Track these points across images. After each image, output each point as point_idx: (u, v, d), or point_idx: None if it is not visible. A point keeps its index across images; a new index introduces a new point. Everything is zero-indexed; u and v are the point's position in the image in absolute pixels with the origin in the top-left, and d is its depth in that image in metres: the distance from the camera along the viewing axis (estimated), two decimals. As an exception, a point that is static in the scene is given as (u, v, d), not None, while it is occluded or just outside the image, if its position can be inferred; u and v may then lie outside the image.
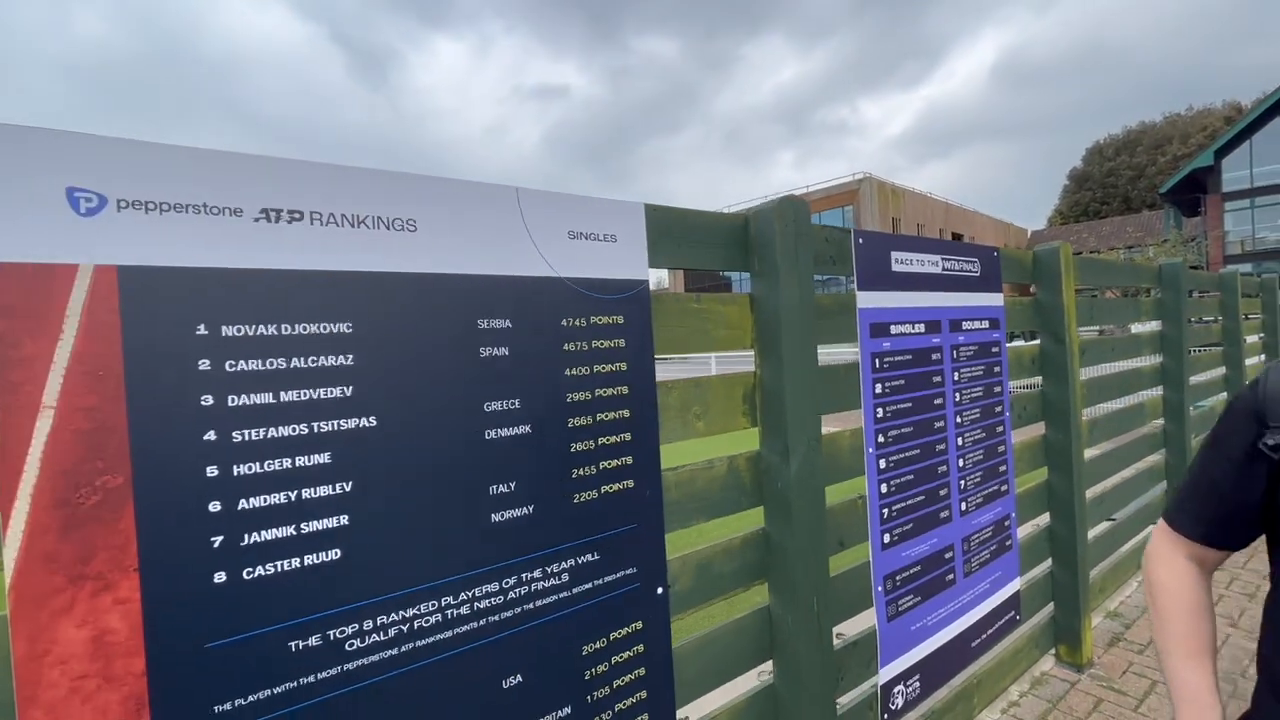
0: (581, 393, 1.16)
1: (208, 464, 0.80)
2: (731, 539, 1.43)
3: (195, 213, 0.80)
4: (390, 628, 0.93)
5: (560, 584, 1.12)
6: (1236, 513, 0.87)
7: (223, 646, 0.80)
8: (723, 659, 1.40)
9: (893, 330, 1.84)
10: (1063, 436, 2.50)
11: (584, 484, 1.15)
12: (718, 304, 1.41)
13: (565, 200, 1.16)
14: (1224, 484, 0.87)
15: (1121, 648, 2.71)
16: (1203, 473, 0.92)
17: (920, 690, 1.89)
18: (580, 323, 1.16)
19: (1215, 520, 0.90)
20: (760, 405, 1.46)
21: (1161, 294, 3.53)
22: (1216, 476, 0.88)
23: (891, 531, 1.80)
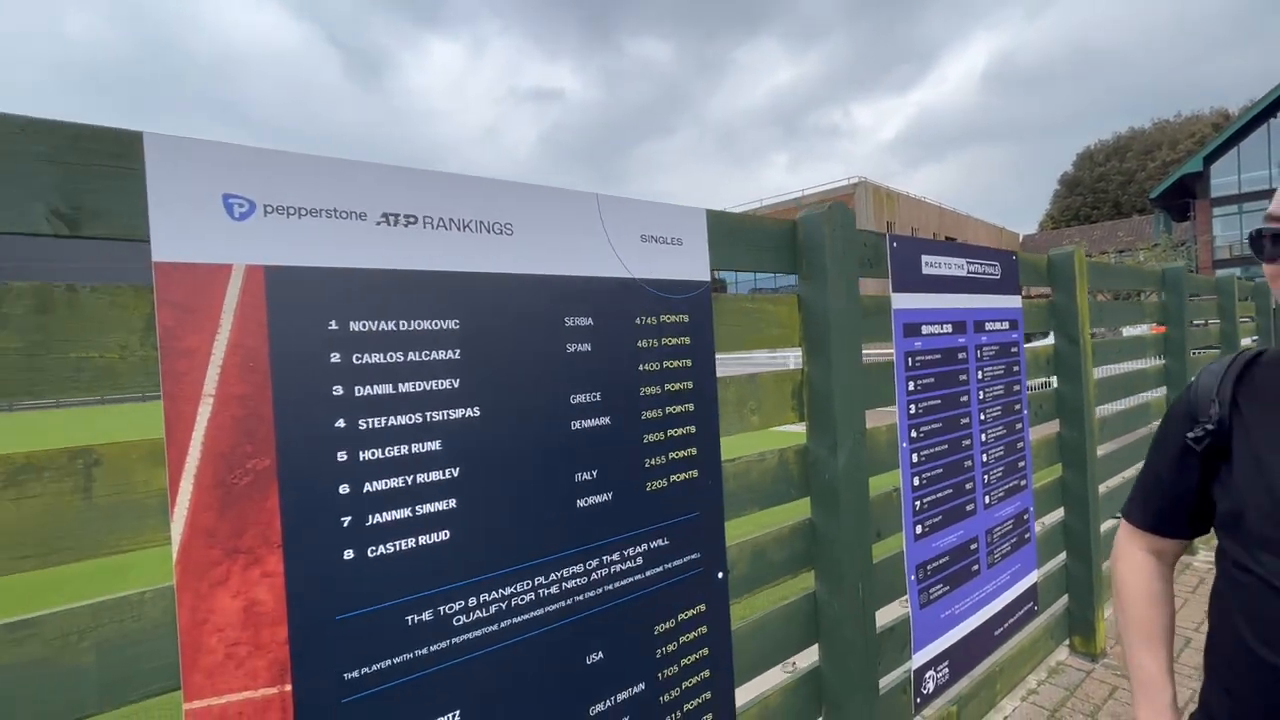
0: (653, 387, 1.23)
1: (338, 449, 0.86)
2: (781, 528, 1.50)
3: (327, 217, 0.87)
4: (491, 605, 1.00)
5: (635, 566, 1.19)
6: (1177, 502, 0.91)
7: (351, 618, 0.87)
8: (773, 642, 1.47)
9: (923, 330, 1.92)
10: (1077, 434, 2.60)
11: (655, 473, 1.22)
12: (769, 304, 1.48)
13: (638, 205, 1.23)
14: (1165, 476, 0.92)
15: (1132, 639, 2.80)
16: (1149, 468, 0.97)
17: (949, 676, 1.97)
18: (652, 321, 1.23)
19: (1160, 512, 0.94)
20: (808, 401, 1.53)
21: (1165, 297, 3.64)
22: (1160, 470, 0.94)
23: (923, 523, 1.88)
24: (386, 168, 0.93)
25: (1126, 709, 2.29)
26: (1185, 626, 2.90)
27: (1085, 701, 2.34)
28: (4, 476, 0.66)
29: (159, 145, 0.76)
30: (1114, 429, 3.11)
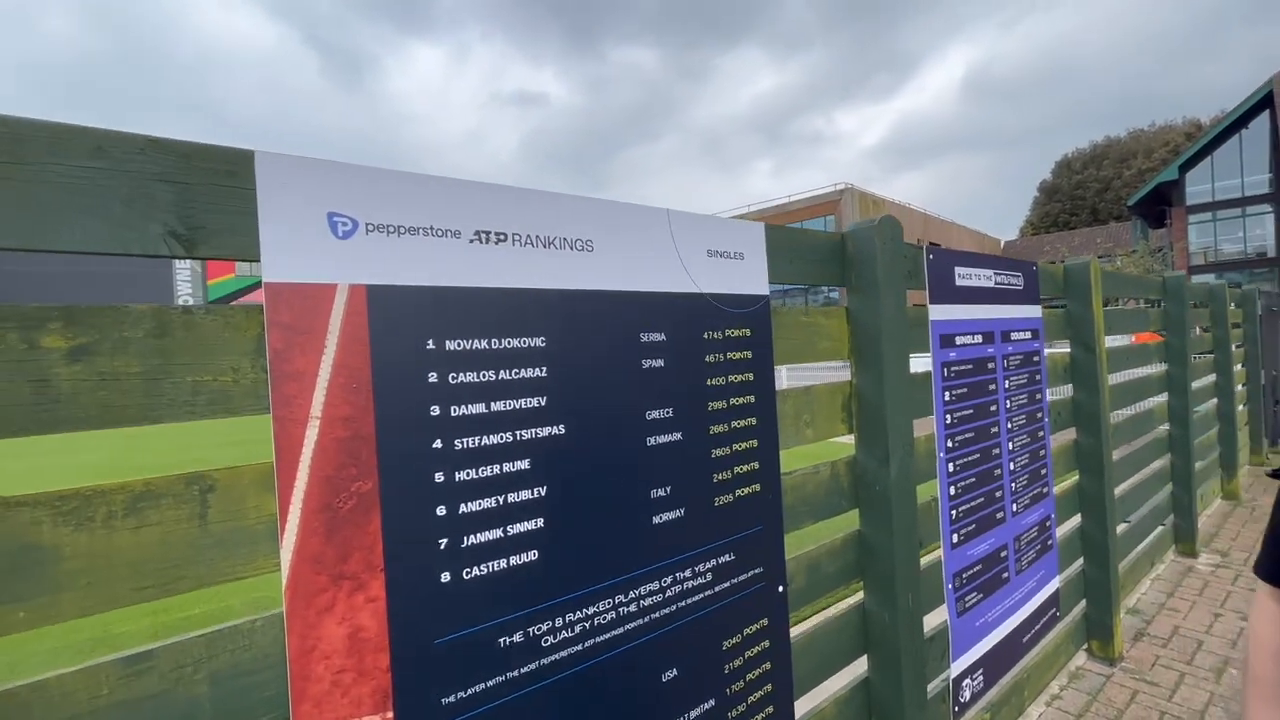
0: (719, 401, 1.23)
1: (436, 470, 0.85)
2: (833, 540, 1.51)
3: (425, 235, 0.86)
4: (576, 625, 0.99)
5: (705, 582, 1.18)
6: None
7: (447, 642, 0.86)
8: (826, 654, 1.47)
9: (957, 341, 1.94)
10: (1094, 440, 2.64)
11: (723, 488, 1.22)
12: (821, 317, 1.49)
13: (703, 221, 1.23)
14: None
15: (1146, 642, 2.84)
16: (1274, 516, 0.90)
17: (984, 683, 1.98)
18: (718, 335, 1.23)
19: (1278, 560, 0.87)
20: (857, 413, 1.54)
21: (1167, 305, 3.72)
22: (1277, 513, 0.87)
23: (959, 531, 1.90)
24: (480, 185, 0.92)
25: (1149, 713, 2.32)
26: (1194, 630, 2.95)
27: (1108, 706, 2.37)
28: (124, 504, 0.64)
29: (270, 164, 0.75)
30: (1123, 435, 3.17)
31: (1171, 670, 2.60)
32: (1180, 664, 2.65)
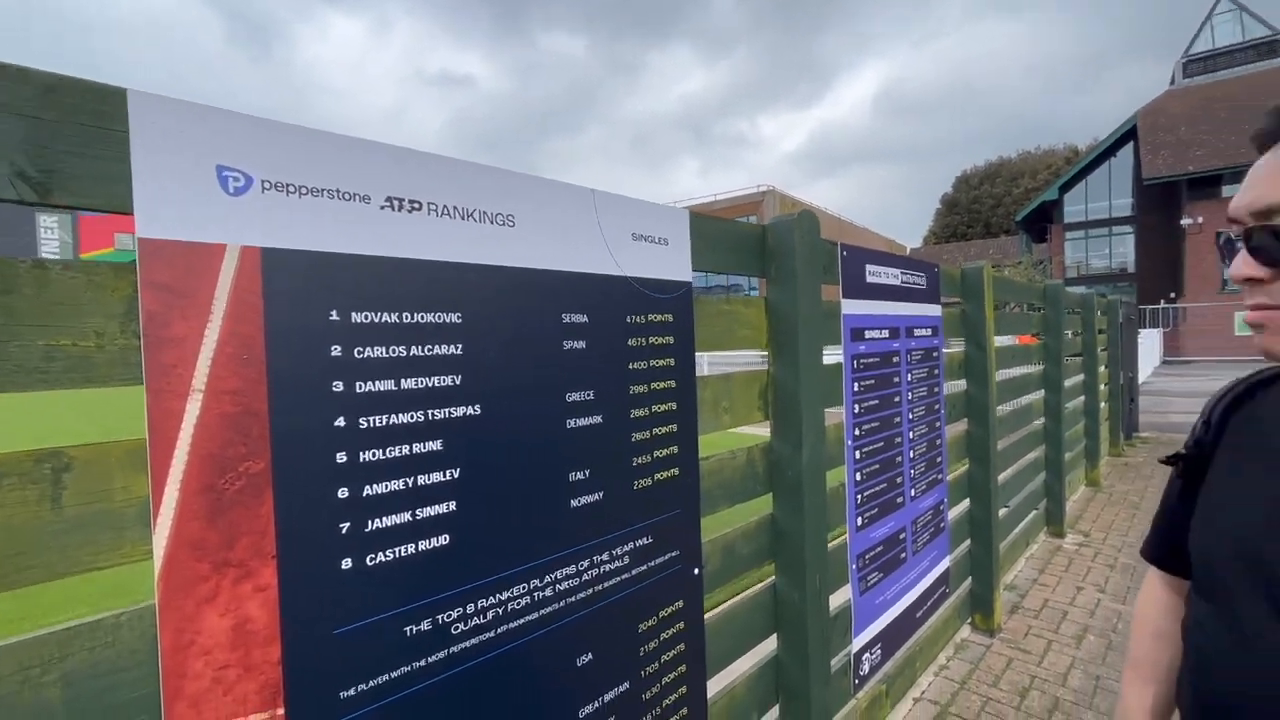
0: (641, 385, 1.23)
1: (338, 450, 0.80)
2: (748, 523, 1.55)
3: (330, 197, 0.80)
4: (489, 611, 0.96)
5: (623, 566, 1.18)
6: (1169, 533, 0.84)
7: (348, 632, 0.81)
8: (738, 634, 1.52)
9: (867, 335, 2.05)
10: (983, 431, 2.87)
11: (642, 471, 1.22)
12: (741, 306, 1.52)
13: (629, 204, 1.23)
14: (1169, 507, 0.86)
15: (1020, 615, 3.13)
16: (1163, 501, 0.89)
17: (881, 657, 2.11)
18: (641, 319, 1.23)
19: (1158, 544, 0.89)
20: (773, 401, 1.59)
21: (1046, 310, 4.10)
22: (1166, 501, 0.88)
23: (863, 515, 2.01)
24: (393, 148, 0.86)
25: (1021, 677, 2.56)
26: (1061, 602, 3.28)
27: (988, 673, 2.60)
28: (-46, 485, 0.55)
29: (146, 106, 0.67)
30: (1006, 427, 3.47)
31: (1041, 639, 2.88)
32: (1049, 633, 2.94)
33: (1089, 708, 2.35)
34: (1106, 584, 3.47)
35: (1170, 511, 0.85)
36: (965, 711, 2.33)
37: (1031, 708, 2.35)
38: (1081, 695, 2.43)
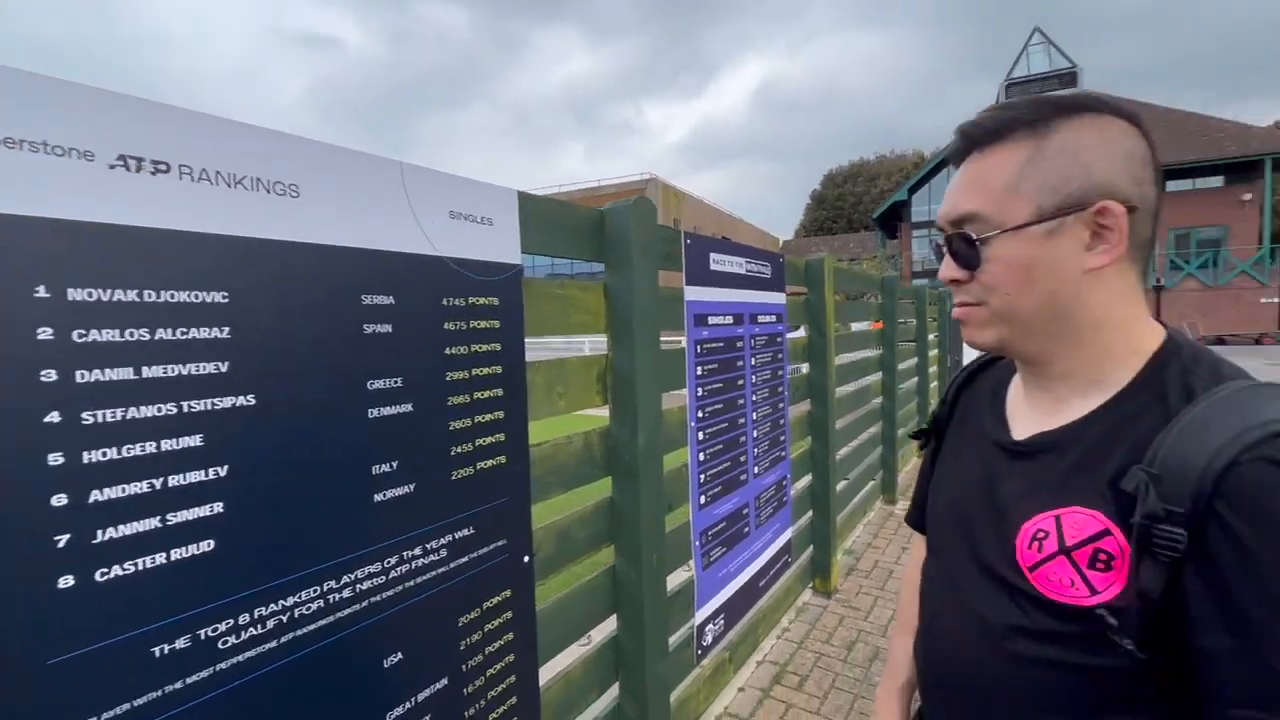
0: (460, 371, 1.18)
1: (51, 450, 0.68)
2: (585, 507, 1.56)
3: (33, 150, 0.67)
4: (269, 620, 0.87)
5: (440, 559, 1.13)
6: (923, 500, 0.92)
7: (70, 660, 0.70)
8: (576, 617, 1.53)
9: (710, 321, 2.13)
10: (823, 411, 3.11)
11: (462, 461, 1.18)
12: (577, 290, 1.51)
13: (447, 180, 1.16)
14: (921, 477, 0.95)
15: (855, 576, 3.46)
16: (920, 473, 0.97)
17: (724, 626, 2.24)
18: (460, 302, 1.18)
19: (917, 509, 0.97)
20: (612, 385, 1.60)
21: (883, 300, 4.52)
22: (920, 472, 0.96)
23: (706, 493, 2.10)
24: (125, 98, 0.74)
25: (851, 632, 2.84)
26: (888, 562, 3.67)
27: (823, 631, 2.85)
28: None
29: None
30: (847, 406, 3.79)
31: (869, 596, 3.21)
32: (876, 590, 3.27)
33: (903, 654, 2.65)
34: (926, 543, 3.93)
35: (922, 481, 0.95)
36: (800, 669, 2.54)
37: (856, 658, 2.61)
38: (898, 643, 2.74)
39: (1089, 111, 0.62)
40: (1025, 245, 0.63)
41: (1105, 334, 0.64)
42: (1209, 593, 0.51)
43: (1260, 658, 0.49)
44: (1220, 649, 0.51)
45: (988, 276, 0.66)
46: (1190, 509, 0.51)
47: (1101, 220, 0.61)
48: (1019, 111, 0.64)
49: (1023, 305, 0.65)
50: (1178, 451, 0.53)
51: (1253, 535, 0.49)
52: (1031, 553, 0.62)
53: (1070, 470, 0.63)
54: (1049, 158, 0.62)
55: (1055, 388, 0.69)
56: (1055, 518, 0.61)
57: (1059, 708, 0.60)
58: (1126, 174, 0.61)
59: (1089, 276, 0.62)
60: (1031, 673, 0.62)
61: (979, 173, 0.66)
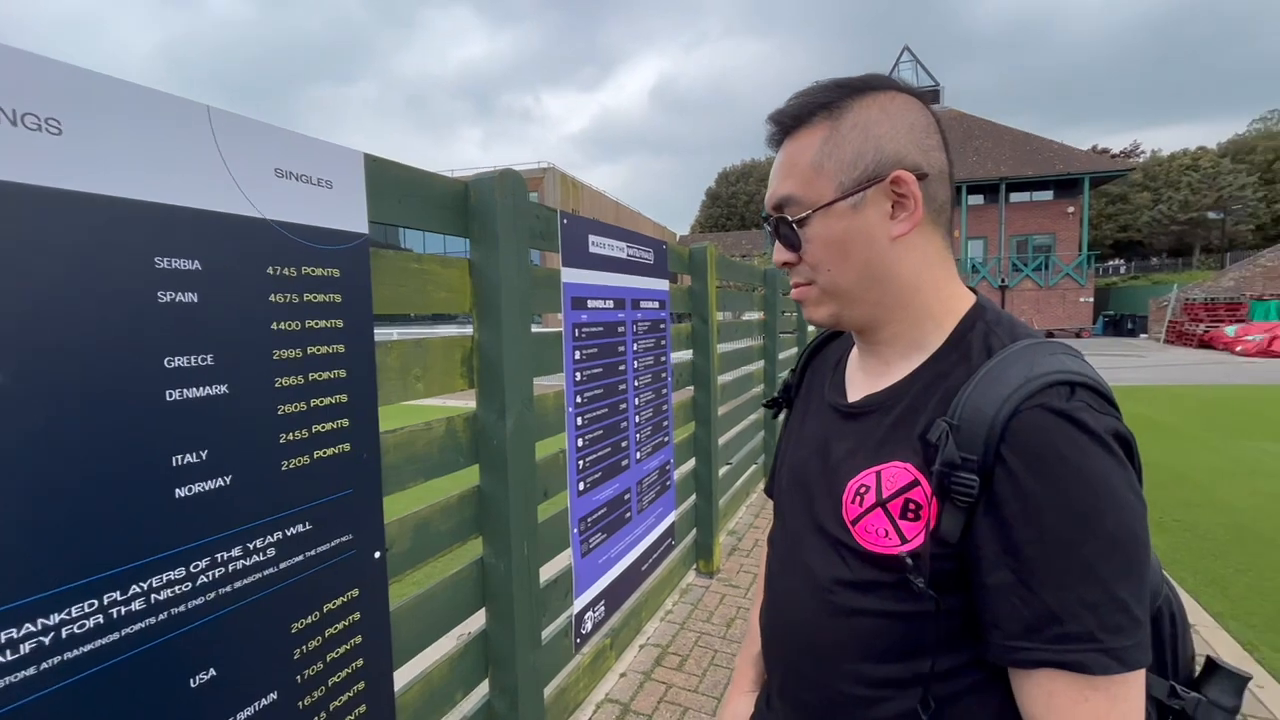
0: (292, 350, 1.05)
1: None
2: (449, 497, 1.47)
3: None
4: (23, 644, 0.73)
5: (265, 560, 1.01)
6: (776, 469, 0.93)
7: None
8: (439, 615, 1.44)
9: (590, 304, 2.09)
10: (705, 396, 3.18)
11: (294, 449, 1.05)
12: (438, 266, 1.41)
13: (271, 132, 1.03)
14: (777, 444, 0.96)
15: (737, 556, 3.59)
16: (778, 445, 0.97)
17: (605, 613, 2.22)
18: (290, 272, 1.05)
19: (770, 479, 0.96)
20: (478, 368, 1.52)
21: (766, 291, 4.71)
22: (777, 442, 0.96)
23: (585, 479, 2.07)
24: None
25: (730, 609, 2.94)
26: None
27: (704, 610, 2.92)
28: None
29: None
30: (730, 393, 3.92)
31: (749, 573, 3.34)
32: (755, 568, 3.41)
33: (777, 626, 2.78)
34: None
35: (777, 450, 0.96)
36: (682, 649, 2.59)
37: (734, 635, 2.70)
38: (773, 617, 2.87)
39: (875, 90, 0.66)
40: (836, 221, 0.66)
41: (922, 296, 0.67)
42: (993, 532, 0.54)
43: (1032, 591, 0.52)
44: (1001, 584, 0.54)
45: (810, 255, 0.69)
46: (982, 455, 0.54)
47: (897, 189, 0.64)
48: (816, 96, 0.67)
49: (844, 278, 0.68)
50: (973, 403, 0.56)
51: (1029, 476, 0.53)
52: (854, 507, 0.65)
53: (891, 427, 0.66)
54: (844, 135, 0.65)
55: (883, 352, 0.72)
56: (877, 473, 0.64)
57: (880, 654, 0.63)
58: (914, 144, 0.65)
59: (897, 244, 0.66)
60: (855, 622, 0.64)
61: (789, 157, 0.69)
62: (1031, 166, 26.62)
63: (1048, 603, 0.52)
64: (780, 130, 0.70)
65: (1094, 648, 0.51)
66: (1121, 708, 0.52)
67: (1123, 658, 0.51)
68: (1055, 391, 0.54)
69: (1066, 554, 0.52)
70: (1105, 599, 0.51)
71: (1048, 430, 0.53)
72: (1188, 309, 21.36)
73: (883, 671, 0.63)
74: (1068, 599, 0.51)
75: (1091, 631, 0.51)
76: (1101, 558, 0.51)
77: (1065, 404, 0.53)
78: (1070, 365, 0.56)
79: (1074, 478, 0.52)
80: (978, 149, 28.35)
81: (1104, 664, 0.50)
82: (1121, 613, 0.51)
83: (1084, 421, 0.53)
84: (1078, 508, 0.52)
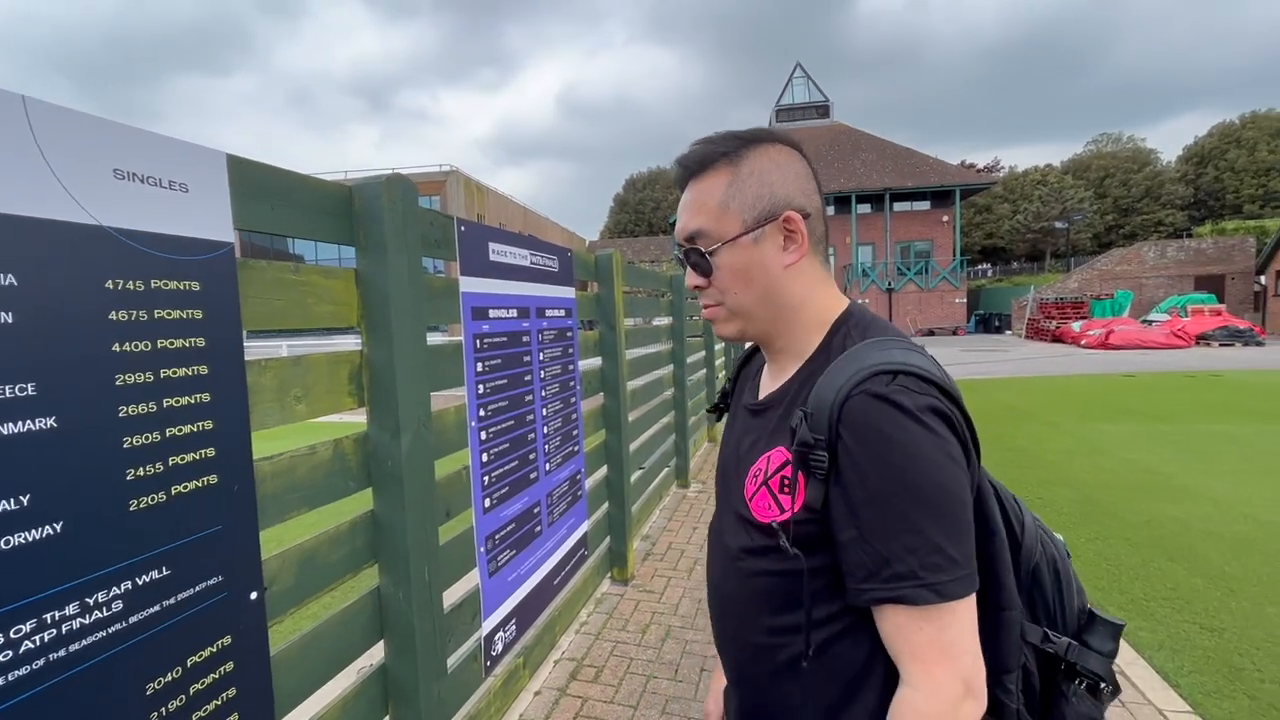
0: (139, 374, 0.93)
1: None
2: (339, 525, 1.36)
3: None
4: None
5: (110, 615, 0.88)
6: None
7: None
8: (330, 654, 1.33)
9: (491, 314, 2.02)
10: (615, 403, 3.17)
11: (145, 487, 0.93)
12: (320, 276, 1.31)
13: (108, 128, 0.91)
14: None
15: (652, 560, 3.61)
16: None
17: (516, 632, 2.15)
18: (136, 286, 0.93)
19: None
20: (368, 385, 1.42)
21: (672, 297, 4.79)
22: None
23: (491, 496, 1.99)
24: None
25: (646, 615, 2.94)
26: (681, 542, 3.90)
27: (619, 618, 2.91)
28: None
29: None
30: (640, 399, 3.94)
31: (663, 578, 3.36)
32: (669, 571, 3.45)
33: (692, 627, 2.82)
34: (714, 521, 4.26)
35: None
36: (597, 660, 2.56)
37: (649, 640, 2.71)
38: (687, 618, 2.90)
39: (764, 142, 0.78)
40: (740, 252, 0.77)
41: (804, 313, 0.80)
42: (839, 497, 0.65)
43: (868, 542, 0.64)
44: (849, 540, 0.65)
45: (719, 281, 0.80)
46: (827, 435, 0.65)
47: (789, 226, 0.76)
48: (717, 146, 0.79)
49: (746, 300, 0.79)
50: (819, 393, 0.68)
51: (857, 448, 0.64)
52: (751, 486, 0.77)
53: (779, 419, 0.77)
54: (744, 180, 0.77)
55: (779, 359, 0.84)
56: (767, 457, 0.76)
57: (775, 608, 0.74)
58: (799, 189, 0.78)
59: (788, 271, 0.78)
60: (756, 582, 0.76)
61: (697, 196, 0.80)
62: (911, 178, 28.97)
63: (879, 550, 0.63)
64: (687, 173, 0.81)
65: (916, 584, 0.61)
66: (949, 634, 0.62)
67: (941, 591, 0.61)
68: (878, 379, 0.65)
69: (888, 508, 0.62)
70: (922, 544, 0.62)
71: (868, 411, 0.64)
72: (1042, 308, 24.01)
73: (778, 621, 0.74)
74: (893, 546, 0.62)
75: (914, 570, 0.61)
76: (916, 509, 0.62)
77: (884, 389, 0.64)
78: (896, 357, 0.67)
79: (889, 446, 0.63)
80: (865, 161, 30.51)
81: (926, 597, 0.61)
82: (937, 553, 0.61)
83: (899, 401, 0.63)
84: (894, 470, 0.62)
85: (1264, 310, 23.73)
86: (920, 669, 0.63)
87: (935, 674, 0.62)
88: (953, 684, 0.62)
